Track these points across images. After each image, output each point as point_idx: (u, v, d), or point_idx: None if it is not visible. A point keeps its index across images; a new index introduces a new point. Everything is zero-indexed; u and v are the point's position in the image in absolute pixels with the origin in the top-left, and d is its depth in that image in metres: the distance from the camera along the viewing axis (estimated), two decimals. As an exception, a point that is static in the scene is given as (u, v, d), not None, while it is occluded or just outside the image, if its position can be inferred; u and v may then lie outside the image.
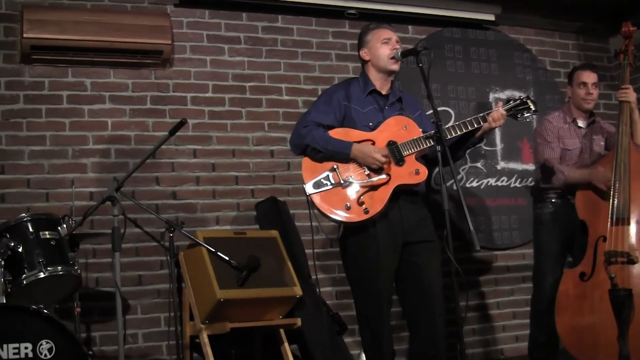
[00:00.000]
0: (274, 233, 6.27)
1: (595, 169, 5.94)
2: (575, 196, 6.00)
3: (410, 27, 7.81)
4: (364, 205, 4.78)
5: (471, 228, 4.30)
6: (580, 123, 6.33)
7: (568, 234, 6.16)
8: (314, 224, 5.05)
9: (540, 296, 6.23)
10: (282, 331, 6.06)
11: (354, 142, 4.90)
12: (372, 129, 4.98)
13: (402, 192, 4.89)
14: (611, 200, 5.78)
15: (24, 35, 6.21)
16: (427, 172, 4.87)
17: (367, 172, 4.86)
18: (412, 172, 4.85)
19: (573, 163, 6.21)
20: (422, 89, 6.16)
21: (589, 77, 6.26)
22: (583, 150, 6.25)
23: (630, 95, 6.00)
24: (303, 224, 6.80)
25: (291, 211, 6.83)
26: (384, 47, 5.10)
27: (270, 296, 5.81)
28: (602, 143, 6.34)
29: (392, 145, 4.89)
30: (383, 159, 4.80)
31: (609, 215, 5.77)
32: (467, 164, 7.62)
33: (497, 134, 7.75)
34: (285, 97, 7.22)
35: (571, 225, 6.08)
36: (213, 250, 5.02)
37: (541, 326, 6.20)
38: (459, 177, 7.50)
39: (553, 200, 6.24)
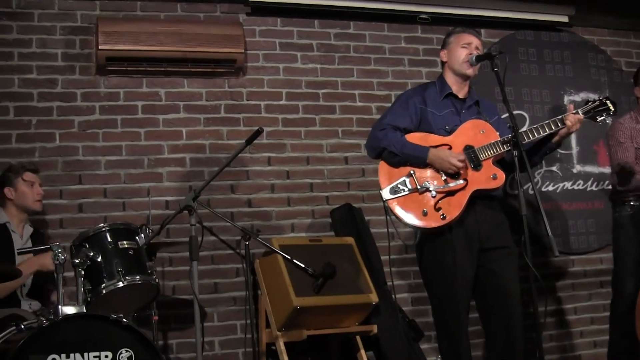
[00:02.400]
0: (350, 240, 6.27)
1: None
2: None
3: (482, 30, 7.72)
4: (441, 211, 4.74)
5: (549, 233, 4.25)
6: None
7: None
8: (390, 230, 5.00)
9: (620, 301, 6.11)
10: (358, 338, 6.05)
11: (431, 146, 4.86)
12: (449, 132, 4.95)
13: (478, 197, 4.85)
14: None
15: (99, 47, 6.30)
16: (504, 176, 4.81)
17: (444, 177, 4.82)
18: (489, 177, 4.80)
19: None
20: (496, 92, 6.12)
21: None
22: None
23: None
24: (378, 231, 6.78)
25: (366, 217, 6.81)
26: (461, 50, 5.06)
27: (346, 303, 5.80)
28: None
29: (469, 149, 4.85)
30: (460, 164, 4.76)
31: None
32: (543, 167, 7.52)
33: (573, 137, 7.61)
34: (359, 104, 7.20)
35: None
36: (289, 257, 5.02)
37: (621, 332, 6.08)
38: (534, 181, 7.41)
39: (632, 204, 6.11)
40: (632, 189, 6.05)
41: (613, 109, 4.99)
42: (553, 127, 4.86)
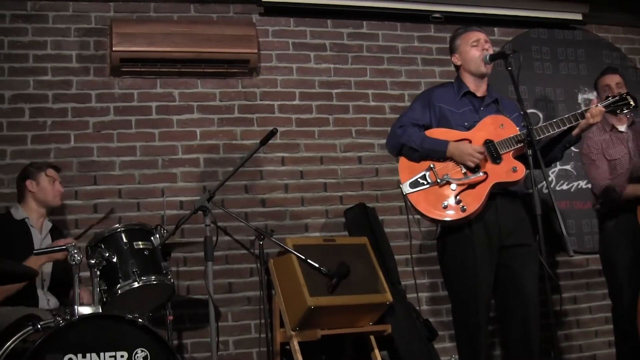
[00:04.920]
0: (364, 239, 6.27)
1: None
2: (637, 211, 5.87)
3: (496, 29, 7.73)
4: (461, 204, 4.74)
5: (564, 233, 4.24)
6: (621, 128, 6.21)
7: (637, 245, 6.01)
8: (407, 227, 5.00)
9: (621, 312, 6.07)
10: (372, 338, 6.06)
11: (451, 140, 4.87)
12: (468, 129, 4.95)
13: (500, 194, 4.85)
14: None
15: (114, 48, 6.33)
16: (524, 169, 4.77)
17: (464, 170, 4.82)
18: (509, 170, 4.78)
19: (626, 169, 6.06)
20: (510, 91, 6.10)
21: (611, 79, 6.21)
22: (632, 154, 6.11)
23: None
24: (392, 230, 6.79)
25: (380, 217, 6.82)
26: (473, 50, 5.06)
27: (361, 303, 5.81)
28: None
29: (489, 143, 4.84)
30: (479, 155, 4.75)
31: None
32: (557, 166, 7.51)
33: (587, 136, 7.62)
34: (372, 103, 7.20)
35: (638, 235, 5.93)
36: (303, 257, 5.02)
37: (625, 334, 6.06)
38: (548, 179, 7.40)
39: (616, 214, 6.09)
40: (610, 203, 6.04)
41: (634, 104, 4.98)
42: (573, 121, 4.84)
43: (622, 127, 6.21)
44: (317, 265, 4.91)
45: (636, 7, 8.06)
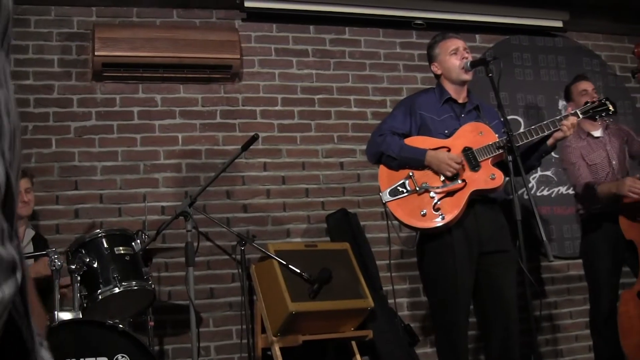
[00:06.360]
0: (345, 245, 6.28)
1: (622, 181, 5.84)
2: (619, 219, 5.90)
3: (477, 35, 7.76)
4: (440, 212, 4.75)
5: (544, 239, 4.26)
6: (596, 133, 6.24)
7: (618, 251, 6.03)
8: (388, 234, 5.01)
9: (599, 316, 6.10)
10: (354, 343, 6.07)
11: (429, 149, 4.88)
12: (448, 136, 4.96)
13: (479, 201, 4.86)
14: None
15: (96, 53, 6.32)
16: (503, 177, 4.80)
17: (443, 178, 4.83)
18: (488, 178, 4.80)
19: (605, 174, 6.11)
20: (491, 97, 6.13)
21: (587, 84, 6.27)
22: (610, 158, 6.15)
23: None
24: (374, 236, 6.81)
25: (362, 223, 6.84)
26: (452, 58, 5.06)
27: (342, 308, 5.82)
28: (624, 145, 6.24)
29: (467, 151, 4.86)
30: (456, 165, 4.76)
31: None
32: (538, 172, 7.54)
33: (566, 142, 7.66)
34: (354, 109, 7.22)
35: (620, 242, 5.97)
36: (284, 263, 5.05)
37: (605, 338, 6.07)
38: (529, 185, 7.43)
39: (599, 221, 6.13)
40: (592, 203, 6.07)
41: (613, 109, 5.01)
42: (552, 127, 4.86)
43: (597, 133, 6.25)
44: (298, 271, 4.94)
45: (616, 14, 8.10)
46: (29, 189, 5.64)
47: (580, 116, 4.94)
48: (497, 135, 4.90)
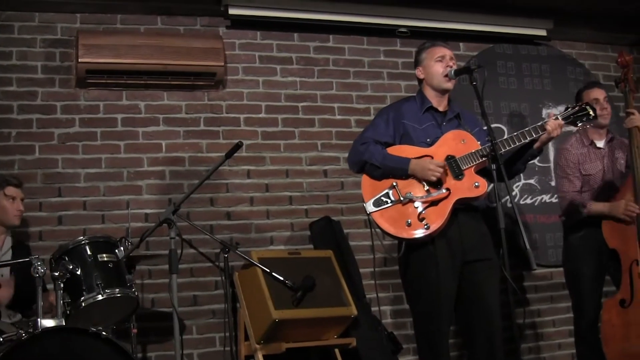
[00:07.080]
0: (329, 253, 6.28)
1: (616, 204, 5.86)
2: (602, 227, 5.92)
3: (461, 44, 7.79)
4: (424, 221, 4.73)
5: (527, 247, 4.25)
6: (599, 144, 6.23)
7: (601, 258, 6.04)
8: (372, 242, 5.00)
9: (583, 323, 6.11)
10: (337, 351, 6.07)
11: (412, 158, 4.88)
12: (430, 144, 4.94)
13: (461, 209, 4.84)
14: (637, 223, 5.75)
15: (80, 59, 6.30)
16: (487, 185, 4.79)
17: (427, 187, 4.82)
18: (471, 186, 4.79)
19: (597, 186, 6.12)
20: (475, 106, 6.14)
21: (599, 93, 6.20)
22: (606, 171, 6.15)
23: (636, 120, 5.93)
24: (357, 243, 6.81)
25: (345, 230, 6.83)
26: (437, 65, 5.06)
27: (326, 316, 5.82)
28: (623, 161, 6.23)
29: (450, 159, 4.85)
30: (440, 169, 4.74)
31: (637, 239, 5.74)
32: (522, 180, 7.57)
33: (551, 149, 7.67)
34: (338, 117, 7.22)
35: (603, 249, 5.98)
36: (268, 270, 5.03)
37: (589, 346, 6.09)
38: (512, 193, 7.43)
39: (582, 227, 6.14)
40: (575, 216, 6.09)
41: (593, 114, 5.01)
42: (533, 134, 4.86)
43: (601, 143, 6.23)
44: (282, 279, 4.92)
45: (600, 23, 8.14)
46: (23, 199, 5.63)
47: (562, 121, 4.95)
48: (479, 142, 4.91)
